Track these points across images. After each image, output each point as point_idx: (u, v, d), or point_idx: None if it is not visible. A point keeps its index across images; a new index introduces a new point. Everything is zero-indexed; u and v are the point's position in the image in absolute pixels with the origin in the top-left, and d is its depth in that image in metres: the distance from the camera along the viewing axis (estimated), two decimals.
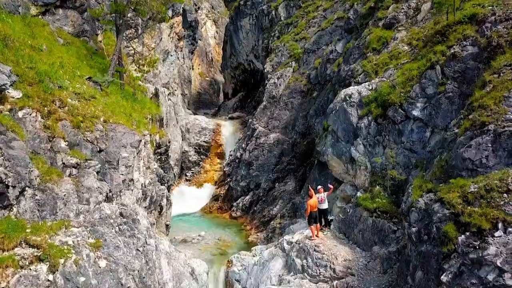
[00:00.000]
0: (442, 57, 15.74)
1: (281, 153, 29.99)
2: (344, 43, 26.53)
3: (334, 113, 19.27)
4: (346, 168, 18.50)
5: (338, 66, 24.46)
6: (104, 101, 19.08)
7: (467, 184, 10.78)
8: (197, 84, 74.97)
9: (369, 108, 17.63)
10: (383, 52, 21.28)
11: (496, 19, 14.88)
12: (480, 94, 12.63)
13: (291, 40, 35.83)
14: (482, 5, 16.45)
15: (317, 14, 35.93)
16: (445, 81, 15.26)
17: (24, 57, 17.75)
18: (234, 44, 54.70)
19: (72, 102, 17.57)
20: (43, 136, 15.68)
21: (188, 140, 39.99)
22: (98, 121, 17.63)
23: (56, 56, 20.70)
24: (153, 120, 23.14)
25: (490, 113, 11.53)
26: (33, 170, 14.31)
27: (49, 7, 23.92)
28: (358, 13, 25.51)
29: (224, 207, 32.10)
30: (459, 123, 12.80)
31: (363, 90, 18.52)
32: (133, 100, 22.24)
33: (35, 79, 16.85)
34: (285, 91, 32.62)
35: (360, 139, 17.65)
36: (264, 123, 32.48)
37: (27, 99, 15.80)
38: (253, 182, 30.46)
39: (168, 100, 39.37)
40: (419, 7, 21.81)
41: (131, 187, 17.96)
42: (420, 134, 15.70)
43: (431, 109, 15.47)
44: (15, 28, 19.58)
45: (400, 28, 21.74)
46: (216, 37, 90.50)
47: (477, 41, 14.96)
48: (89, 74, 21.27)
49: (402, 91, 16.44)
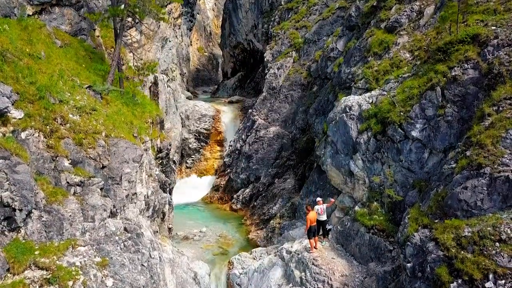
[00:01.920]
0: (443, 78, 15.72)
1: (280, 148, 30.26)
2: (345, 41, 26.19)
3: (334, 124, 19.39)
4: (344, 180, 18.85)
5: (339, 67, 24.29)
6: (105, 113, 19.13)
7: (461, 226, 11.15)
8: (195, 60, 74.11)
9: (368, 123, 17.75)
10: (384, 57, 21.11)
11: (499, 43, 14.76)
12: (478, 129, 12.77)
13: (291, 27, 35.28)
14: (486, 22, 16.26)
15: (318, 0, 35.18)
16: (445, 104, 15.32)
17: (23, 70, 17.68)
18: (233, 23, 53.73)
19: (73, 118, 17.67)
20: (46, 156, 15.93)
21: (188, 127, 40.10)
22: (100, 137, 17.78)
23: (55, 63, 20.56)
24: (153, 123, 23.24)
25: (487, 154, 11.74)
26: (38, 192, 14.69)
27: (45, 6, 23.45)
28: (360, 10, 25.05)
29: (224, 197, 32.71)
30: (456, 157, 13.02)
31: (363, 102, 18.56)
32: (133, 104, 22.25)
33: (36, 96, 16.89)
34: (285, 83, 32.48)
35: (359, 154, 17.88)
36: (264, 115, 32.54)
37: (29, 119, 15.94)
38: (253, 175, 30.92)
39: (168, 87, 39.17)
40: (422, 11, 21.45)
41: (134, 200, 18.36)
42: (418, 154, 15.93)
43: (430, 131, 15.63)
44: (12, 36, 19.34)
45: (402, 33, 21.46)
46: (214, 10, 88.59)
47: (478, 65, 14.92)
48: (88, 80, 21.18)
49: (402, 110, 16.52)
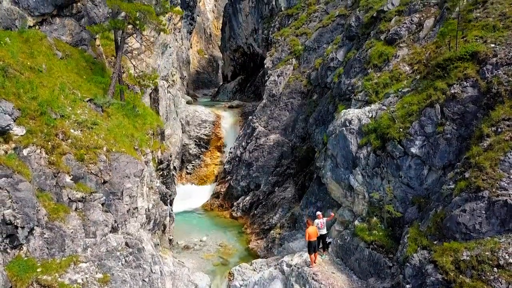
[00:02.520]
0: (442, 95, 15.80)
1: (280, 156, 30.36)
2: (345, 50, 26.25)
3: (334, 137, 19.48)
4: (344, 194, 18.95)
5: (339, 77, 24.37)
6: (106, 127, 19.22)
7: (460, 249, 11.25)
8: (195, 62, 74.17)
9: (368, 138, 17.84)
10: (384, 70, 21.19)
11: (498, 62, 14.84)
12: (477, 150, 12.86)
13: (291, 34, 35.33)
14: (485, 39, 16.33)
15: (318, 7, 35.24)
16: (444, 121, 15.41)
17: (25, 85, 17.79)
18: (233, 27, 53.79)
19: (74, 133, 17.78)
20: (48, 172, 16.06)
21: (188, 133, 40.19)
22: (101, 151, 17.88)
23: (56, 76, 20.67)
24: (154, 134, 23.33)
25: (485, 177, 11.83)
26: (40, 209, 14.83)
27: (46, 17, 23.57)
28: (360, 20, 25.10)
29: (224, 205, 32.82)
30: (455, 178, 13.11)
31: (363, 117, 18.65)
32: (134, 116, 22.35)
33: (37, 112, 17.00)
34: (285, 90, 32.55)
35: (359, 168, 17.97)
36: (264, 122, 32.62)
37: (31, 135, 16.06)
38: (253, 183, 31.03)
39: (168, 93, 39.30)
40: (422, 23, 21.52)
41: (135, 214, 18.47)
42: (417, 171, 16.02)
43: (429, 148, 15.71)
44: (14, 50, 19.46)
45: (402, 45, 21.54)
46: (214, 11, 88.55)
47: (477, 83, 15.00)
48: (89, 93, 21.28)
49: (402, 126, 16.60)
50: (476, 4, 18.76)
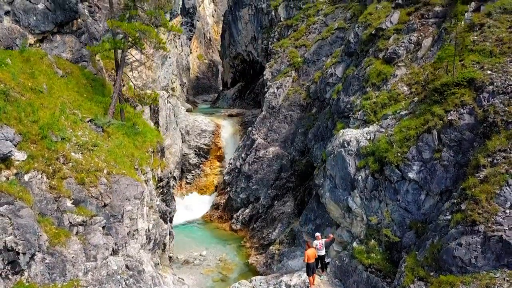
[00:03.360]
0: (439, 121, 15.96)
1: (280, 169, 30.52)
2: (344, 67, 26.41)
3: (333, 158, 19.65)
4: (343, 215, 19.12)
5: (338, 94, 24.53)
6: (107, 148, 19.38)
7: (456, 283, 11.43)
8: (195, 67, 74.31)
9: (366, 160, 18.01)
10: (382, 89, 21.35)
11: (494, 90, 15.00)
12: (473, 181, 13.03)
13: (290, 45, 35.48)
14: (482, 65, 16.48)
15: (317, 19, 35.39)
16: (441, 148, 15.58)
17: (26, 108, 17.96)
18: (233, 34, 53.93)
19: (75, 156, 17.93)
20: (49, 197, 16.23)
21: (188, 143, 40.35)
22: (102, 174, 18.04)
23: (57, 96, 20.85)
24: (154, 151, 23.50)
25: (481, 211, 12.00)
26: (41, 235, 15.00)
27: (46, 34, 23.71)
28: (359, 37, 25.26)
29: (224, 216, 33.00)
30: (452, 209, 13.28)
31: (361, 138, 18.81)
32: (134, 134, 22.50)
33: (38, 136, 17.18)
34: (285, 103, 32.71)
35: (357, 191, 18.15)
36: (264, 134, 32.78)
37: (32, 160, 16.24)
38: (253, 195, 31.20)
39: (168, 103, 39.46)
40: (420, 42, 21.67)
41: (135, 236, 18.63)
42: (415, 195, 16.19)
43: (426, 174, 15.88)
44: (14, 71, 19.62)
45: (400, 64, 21.70)
46: (214, 16, 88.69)
47: (474, 110, 15.16)
48: (90, 112, 21.44)
49: (399, 150, 16.77)
50: (473, 27, 18.92)
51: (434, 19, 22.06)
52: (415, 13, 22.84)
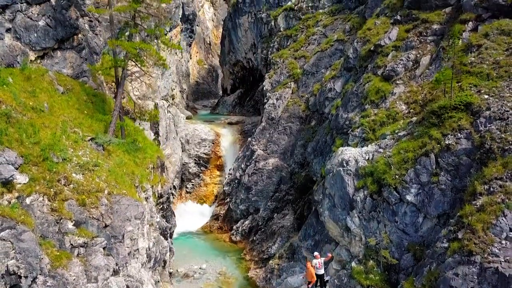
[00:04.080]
0: (437, 145, 16.14)
1: (279, 181, 30.69)
2: (343, 81, 26.59)
3: (332, 177, 19.82)
4: (342, 233, 19.29)
5: (337, 110, 24.70)
6: (107, 167, 19.52)
7: None
8: (195, 72, 74.45)
9: (365, 181, 18.18)
10: (381, 107, 21.53)
11: (491, 116, 15.17)
12: (470, 209, 13.20)
13: (290, 56, 35.64)
14: (479, 89, 16.66)
15: (316, 30, 35.54)
16: (439, 172, 15.75)
17: (27, 129, 18.11)
18: (233, 41, 54.07)
19: (76, 177, 18.07)
20: (50, 219, 16.38)
21: (188, 152, 40.52)
22: (103, 195, 18.19)
23: (58, 114, 21.00)
24: (154, 167, 23.64)
25: (477, 241, 12.17)
26: (43, 258, 15.15)
27: (47, 50, 23.83)
28: (358, 52, 25.43)
29: (224, 227, 33.17)
30: (448, 236, 13.46)
31: (359, 158, 18.98)
32: (134, 151, 22.63)
33: (40, 157, 17.32)
34: (284, 114, 32.88)
35: (356, 211, 18.32)
36: (263, 145, 32.94)
37: (34, 183, 16.40)
38: (252, 207, 31.37)
39: (168, 112, 39.64)
40: (418, 60, 21.84)
41: (136, 255, 18.79)
42: (413, 218, 16.37)
43: (424, 197, 16.06)
44: (16, 90, 19.76)
45: (398, 82, 21.87)
46: (214, 20, 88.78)
47: (471, 135, 15.33)
48: (91, 130, 21.59)
49: (397, 173, 16.95)
50: (471, 48, 19.09)
51: (432, 36, 22.23)
52: (414, 30, 23.02)
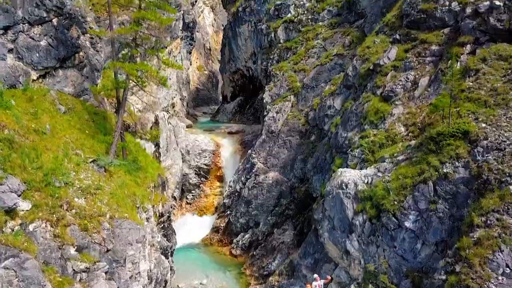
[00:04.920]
0: (435, 172, 16.34)
1: (279, 195, 30.90)
2: (343, 99, 26.80)
3: (331, 199, 20.03)
4: (341, 256, 19.50)
5: (336, 128, 24.92)
6: (109, 190, 19.74)
7: None
8: (195, 79, 74.62)
9: (364, 205, 18.39)
10: (380, 128, 21.73)
11: (488, 145, 15.37)
12: (467, 242, 13.42)
13: (290, 69, 35.85)
14: (477, 116, 16.85)
15: (316, 43, 35.74)
16: (437, 199, 15.96)
17: (30, 154, 18.36)
18: (233, 50, 54.27)
19: (78, 201, 18.31)
20: (53, 246, 16.63)
21: (188, 162, 40.70)
22: (105, 219, 18.43)
23: (60, 136, 21.26)
24: (155, 186, 23.86)
25: (475, 276, 12.38)
26: (45, 284, 15.43)
27: (49, 69, 24.06)
28: (357, 70, 25.62)
29: (224, 240, 33.38)
30: (446, 269, 13.67)
31: (359, 181, 19.19)
32: (136, 170, 22.83)
33: (42, 183, 17.56)
34: (284, 128, 33.10)
35: (355, 235, 18.53)
36: (263, 158, 33.15)
37: (36, 209, 16.68)
38: (252, 221, 31.60)
39: (168, 123, 39.82)
40: (417, 81, 22.04)
41: (137, 278, 19.00)
42: (411, 244, 16.57)
43: (422, 224, 16.27)
44: (18, 113, 19.98)
45: (397, 103, 22.07)
46: (214, 25, 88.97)
47: (469, 164, 15.53)
48: (92, 151, 21.82)
49: (396, 199, 17.16)
50: (469, 72, 19.29)
51: (431, 57, 22.42)
52: (412, 50, 23.20)
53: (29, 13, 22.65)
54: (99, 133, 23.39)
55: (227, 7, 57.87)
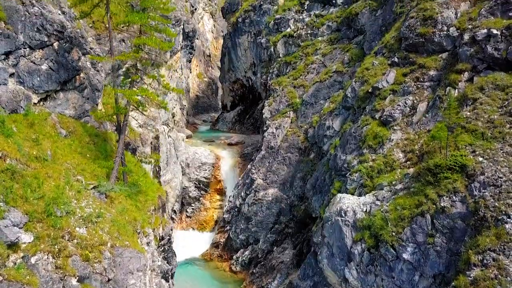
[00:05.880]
0: (432, 205, 16.54)
1: (279, 212, 31.10)
2: (342, 120, 26.99)
3: (330, 225, 20.22)
4: (340, 283, 19.69)
5: (335, 150, 25.10)
6: (110, 218, 19.90)
7: None
8: (195, 86, 74.78)
9: (362, 234, 18.58)
10: (379, 153, 21.92)
11: (485, 181, 15.56)
12: (464, 281, 13.63)
13: (289, 84, 36.04)
14: (474, 149, 17.04)
15: (315, 58, 35.94)
16: (434, 233, 16.16)
17: (32, 183, 18.52)
18: (233, 60, 54.48)
19: (80, 231, 18.46)
20: (55, 278, 16.79)
21: (188, 175, 40.88)
22: (106, 248, 18.59)
23: (61, 162, 21.40)
24: (155, 209, 24.03)
25: None
26: None
27: (50, 92, 24.16)
28: (356, 92, 25.81)
29: (224, 255, 33.58)
30: None
31: (357, 210, 19.39)
32: (136, 194, 23.00)
33: (44, 213, 17.72)
34: (283, 144, 33.29)
35: (353, 263, 18.72)
36: (263, 174, 33.34)
37: (38, 241, 16.84)
38: (252, 237, 31.79)
39: (168, 137, 40.01)
40: (415, 106, 22.22)
41: None
42: (409, 275, 16.77)
43: (420, 256, 16.46)
44: (19, 141, 20.12)
45: (396, 128, 22.25)
46: (213, 31, 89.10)
47: (466, 199, 15.73)
48: (93, 175, 21.96)
49: (394, 230, 17.35)
50: (467, 100, 19.47)
51: (429, 82, 22.60)
52: (411, 74, 23.39)
53: (30, 37, 22.74)
54: (100, 156, 23.54)
55: (227, 17, 58.07)
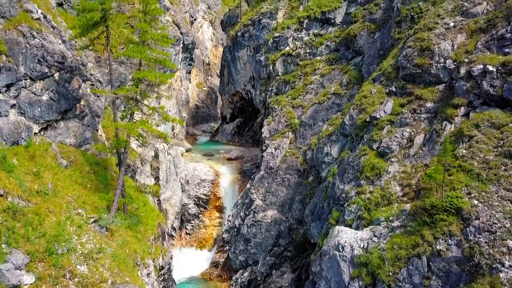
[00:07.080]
0: (428, 247, 16.81)
1: (278, 235, 31.35)
2: (340, 147, 27.25)
3: (328, 259, 20.49)
4: None
5: (333, 178, 25.35)
6: (111, 252, 20.15)
7: None
8: (195, 96, 74.97)
9: (360, 271, 18.85)
10: (376, 184, 22.18)
11: (480, 226, 15.82)
12: None
13: (288, 104, 36.27)
14: (469, 191, 17.30)
15: (314, 79, 36.16)
16: (430, 275, 16.43)
17: (33, 220, 18.82)
18: (232, 73, 54.70)
19: (81, 269, 18.73)
20: None
21: (187, 192, 41.09)
22: (106, 285, 18.89)
23: (62, 195, 21.65)
24: (155, 238, 24.29)
25: None
26: None
27: (51, 122, 24.37)
28: (354, 120, 26.07)
29: (223, 275, 33.83)
30: None
31: (355, 245, 19.65)
32: (136, 224, 23.24)
33: (46, 252, 17.99)
34: (282, 165, 33.53)
35: None
36: (262, 195, 33.59)
37: (40, 282, 17.17)
38: (251, 259, 32.05)
39: (168, 155, 40.17)
40: (412, 139, 22.48)
41: None
42: None
43: None
44: (20, 176, 20.38)
45: (393, 160, 22.51)
46: (213, 40, 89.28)
47: (461, 243, 16.00)
48: (94, 207, 22.21)
49: (391, 270, 17.61)
50: (463, 137, 19.72)
51: (426, 114, 22.86)
52: (408, 105, 23.64)
53: (31, 69, 22.96)
54: (101, 186, 23.80)
55: (226, 29, 58.27)
